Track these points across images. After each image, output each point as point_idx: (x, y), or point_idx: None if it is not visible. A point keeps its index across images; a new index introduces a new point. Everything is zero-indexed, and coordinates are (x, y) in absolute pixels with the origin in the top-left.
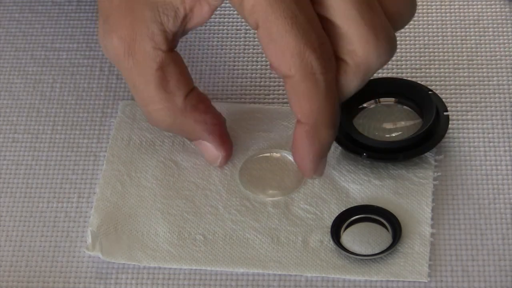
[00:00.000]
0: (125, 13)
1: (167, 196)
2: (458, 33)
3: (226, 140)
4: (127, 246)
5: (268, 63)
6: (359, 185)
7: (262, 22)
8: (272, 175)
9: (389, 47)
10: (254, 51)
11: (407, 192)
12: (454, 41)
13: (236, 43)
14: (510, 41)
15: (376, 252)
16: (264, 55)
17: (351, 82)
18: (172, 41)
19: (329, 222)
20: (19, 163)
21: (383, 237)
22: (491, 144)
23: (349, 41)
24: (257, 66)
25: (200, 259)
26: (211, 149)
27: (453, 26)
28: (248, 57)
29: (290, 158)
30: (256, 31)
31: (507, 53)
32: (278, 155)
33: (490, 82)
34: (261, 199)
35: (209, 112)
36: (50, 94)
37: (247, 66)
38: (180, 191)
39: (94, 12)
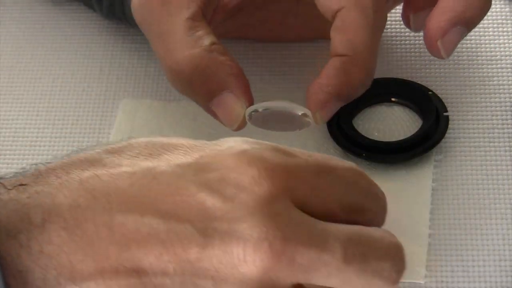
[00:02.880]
0: None
1: None
2: None
3: (248, 87)
4: None
5: (266, 67)
6: None
7: None
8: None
9: None
10: (254, 52)
11: (405, 191)
12: None
13: (236, 45)
14: (510, 41)
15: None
16: (263, 58)
17: None
18: (208, 3)
19: None
20: (19, 163)
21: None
22: (491, 144)
23: None
24: (257, 68)
25: None
26: (231, 106)
27: None
28: (248, 59)
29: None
30: None
31: (507, 53)
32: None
33: (490, 82)
34: None
35: (233, 59)
36: (50, 94)
37: (247, 68)
38: None
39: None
